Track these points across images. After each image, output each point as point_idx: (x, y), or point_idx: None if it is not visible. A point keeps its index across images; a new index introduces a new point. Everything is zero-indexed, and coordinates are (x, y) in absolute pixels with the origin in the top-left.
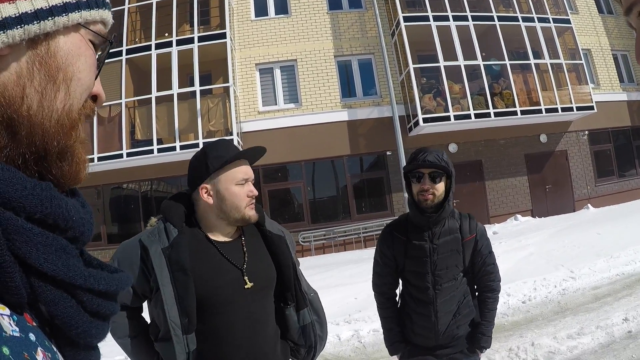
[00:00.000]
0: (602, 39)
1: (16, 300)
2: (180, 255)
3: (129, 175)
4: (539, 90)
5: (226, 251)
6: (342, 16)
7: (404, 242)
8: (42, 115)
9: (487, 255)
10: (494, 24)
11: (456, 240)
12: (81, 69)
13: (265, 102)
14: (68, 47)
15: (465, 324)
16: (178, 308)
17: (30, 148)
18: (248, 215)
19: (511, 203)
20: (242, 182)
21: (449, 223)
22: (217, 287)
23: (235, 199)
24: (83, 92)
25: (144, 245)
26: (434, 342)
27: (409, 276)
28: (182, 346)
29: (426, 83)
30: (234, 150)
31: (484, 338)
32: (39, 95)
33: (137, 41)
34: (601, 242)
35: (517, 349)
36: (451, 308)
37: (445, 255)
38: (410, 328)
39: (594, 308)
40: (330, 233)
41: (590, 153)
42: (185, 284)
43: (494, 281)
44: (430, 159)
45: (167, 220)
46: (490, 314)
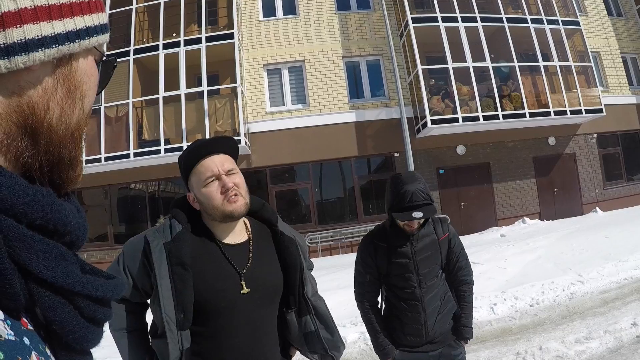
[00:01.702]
0: (611, 41)
1: (14, 306)
2: (180, 250)
3: (136, 176)
4: (547, 92)
5: (231, 254)
6: (350, 17)
7: (386, 248)
8: (60, 127)
9: (459, 252)
10: (503, 26)
11: (433, 241)
12: (91, 87)
13: (273, 103)
14: (84, 67)
15: (449, 318)
16: (174, 302)
17: (47, 156)
18: (228, 210)
19: (519, 206)
20: (210, 180)
21: (425, 227)
22: (218, 289)
23: (208, 200)
24: (89, 108)
25: (147, 240)
26: (424, 340)
27: (394, 280)
28: (176, 342)
29: (434, 84)
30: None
31: (466, 329)
32: (60, 109)
33: (144, 41)
34: (609, 246)
35: (525, 353)
36: (436, 304)
37: (426, 255)
38: (400, 330)
39: (602, 312)
40: (337, 234)
41: (598, 156)
42: (183, 278)
43: (467, 275)
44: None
45: (173, 217)
46: (468, 306)
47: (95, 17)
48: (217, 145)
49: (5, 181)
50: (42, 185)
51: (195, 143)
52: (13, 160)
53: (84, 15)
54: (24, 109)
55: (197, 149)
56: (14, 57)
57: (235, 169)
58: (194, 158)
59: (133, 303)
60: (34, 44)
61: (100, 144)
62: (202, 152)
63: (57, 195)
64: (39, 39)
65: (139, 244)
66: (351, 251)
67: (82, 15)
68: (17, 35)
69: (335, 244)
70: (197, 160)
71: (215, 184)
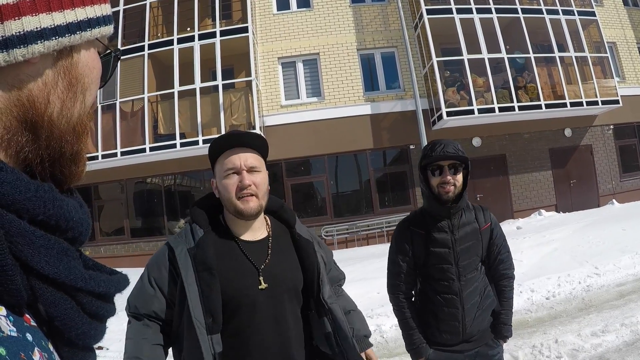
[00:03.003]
0: (627, 32)
1: (16, 302)
2: (205, 255)
3: (152, 170)
4: (563, 83)
5: (250, 250)
6: (364, 9)
7: (424, 236)
8: (61, 121)
9: (502, 243)
10: (518, 17)
11: (475, 230)
12: (93, 80)
13: (288, 96)
14: (86, 59)
15: (488, 315)
16: (202, 307)
17: (47, 151)
18: (239, 207)
19: (535, 198)
20: (230, 172)
21: (466, 214)
22: (238, 287)
23: (225, 191)
24: (91, 102)
25: (170, 247)
26: (460, 338)
27: (432, 271)
28: (208, 346)
29: (450, 76)
30: (225, 142)
31: (506, 327)
32: (61, 103)
33: (159, 36)
34: (626, 238)
35: (541, 346)
36: (475, 299)
37: (467, 245)
38: (436, 326)
39: (619, 305)
40: (353, 227)
41: (615, 148)
42: (209, 283)
43: (509, 269)
44: (450, 151)
45: (194, 221)
46: (509, 302)
47: (98, 8)
48: (247, 139)
49: (7, 177)
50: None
51: (227, 134)
52: (14, 156)
53: (85, 6)
54: (24, 102)
55: (226, 139)
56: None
57: (259, 167)
58: (222, 147)
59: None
60: (33, 36)
61: (116, 139)
62: (231, 143)
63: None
64: (38, 31)
65: (162, 253)
66: (367, 244)
67: (84, 6)
68: (16, 28)
69: (351, 237)
70: (224, 150)
71: (235, 177)
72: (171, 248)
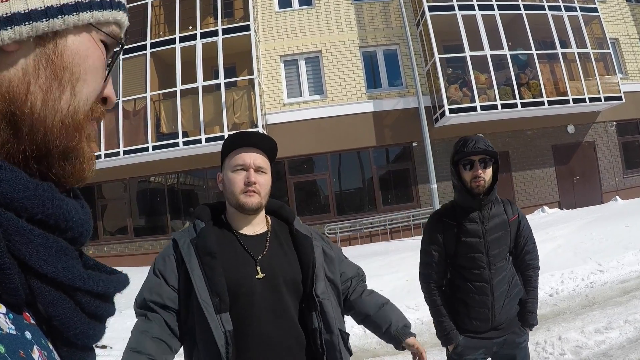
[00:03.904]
0: (630, 28)
1: (14, 301)
2: (206, 241)
3: (155, 169)
4: (566, 80)
5: (247, 243)
6: (366, 6)
7: (455, 227)
8: (45, 114)
9: (528, 235)
10: (520, 13)
11: (504, 221)
12: (88, 71)
13: (290, 94)
14: (76, 47)
15: (515, 303)
16: (208, 289)
17: (31, 146)
18: (242, 202)
19: (538, 195)
20: (238, 168)
21: (495, 206)
22: (238, 276)
23: (231, 185)
24: (90, 94)
25: (174, 240)
26: (489, 325)
27: (462, 261)
28: (218, 324)
29: (452, 73)
30: (241, 140)
31: (532, 316)
32: (43, 94)
33: (161, 35)
34: (630, 235)
35: (544, 343)
36: (504, 288)
37: (497, 235)
38: (465, 313)
39: (623, 302)
40: (356, 225)
41: (618, 144)
42: (212, 266)
43: (535, 259)
44: (480, 146)
45: (197, 217)
46: (534, 291)
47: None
48: (259, 141)
49: (6, 175)
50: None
51: (242, 132)
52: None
53: None
54: (3, 94)
55: (241, 137)
56: None
57: (265, 168)
58: (236, 144)
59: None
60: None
61: (118, 138)
62: (244, 142)
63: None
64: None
65: (167, 248)
66: (370, 241)
67: None
68: None
69: (354, 234)
70: (237, 147)
71: (242, 174)
72: (175, 241)
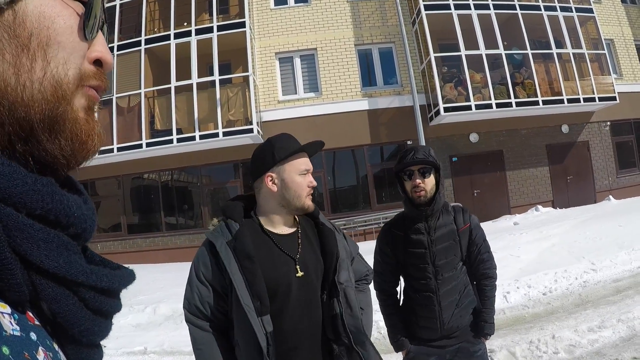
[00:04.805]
0: (625, 29)
1: (17, 297)
2: (244, 245)
3: (148, 166)
4: (561, 80)
5: (281, 243)
6: (362, 4)
7: (403, 237)
8: (22, 89)
9: (481, 244)
10: (516, 13)
11: (452, 231)
12: (59, 32)
13: (285, 92)
14: (39, 10)
15: (468, 313)
16: (249, 293)
17: (13, 126)
18: (307, 204)
19: (532, 194)
20: (304, 172)
21: (443, 216)
22: (278, 275)
23: (298, 187)
24: (68, 57)
25: (210, 242)
26: (439, 334)
27: (410, 270)
28: (260, 327)
29: (447, 72)
30: (297, 143)
31: (487, 325)
32: (14, 68)
33: (155, 31)
34: (623, 234)
35: (538, 342)
36: (453, 297)
37: (443, 246)
38: (415, 322)
39: (615, 301)
40: (350, 222)
41: (612, 144)
42: (252, 270)
43: (490, 269)
44: (419, 156)
45: (228, 217)
46: (490, 301)
47: None
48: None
49: (3, 169)
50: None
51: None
52: None
53: None
54: None
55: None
56: None
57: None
58: (301, 149)
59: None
60: None
61: (112, 135)
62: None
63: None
64: None
65: (204, 250)
66: (364, 239)
67: None
68: None
69: (348, 232)
70: (301, 150)
71: (308, 177)
72: (211, 243)
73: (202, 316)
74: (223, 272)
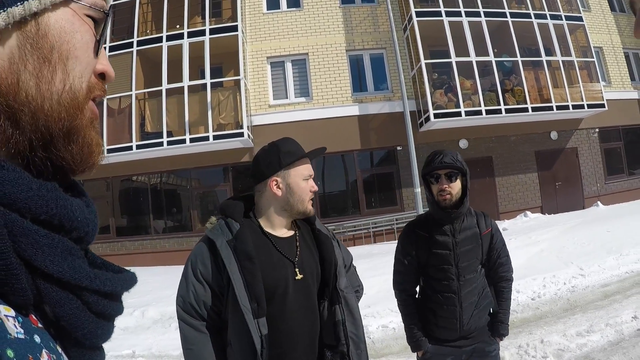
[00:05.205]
0: (614, 37)
1: (22, 301)
2: (245, 245)
3: (138, 168)
4: (550, 87)
5: (281, 246)
6: (354, 10)
7: (427, 238)
8: (42, 99)
9: (501, 247)
10: (506, 20)
11: (475, 234)
12: (77, 46)
13: (276, 96)
14: (60, 24)
15: (485, 314)
16: (247, 294)
17: (36, 134)
18: (309, 209)
19: (521, 199)
20: (308, 177)
21: (467, 219)
22: (277, 277)
23: (303, 192)
24: (83, 70)
25: (210, 240)
26: (458, 334)
27: (432, 271)
28: (255, 329)
29: (438, 78)
30: (301, 149)
31: (503, 326)
32: (36, 79)
33: (148, 33)
34: (611, 240)
35: (527, 346)
36: (473, 299)
37: (467, 248)
38: (434, 322)
39: (604, 306)
40: (339, 227)
41: (600, 151)
42: (252, 271)
43: (508, 272)
44: (447, 160)
45: (228, 216)
46: (507, 302)
47: None
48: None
49: (9, 175)
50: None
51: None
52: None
53: None
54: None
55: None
56: None
57: None
58: (307, 155)
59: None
60: None
61: (102, 136)
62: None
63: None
64: None
65: (203, 247)
66: (353, 244)
67: None
68: None
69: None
70: (303, 156)
71: (310, 182)
72: (211, 241)
73: (197, 315)
74: (221, 272)
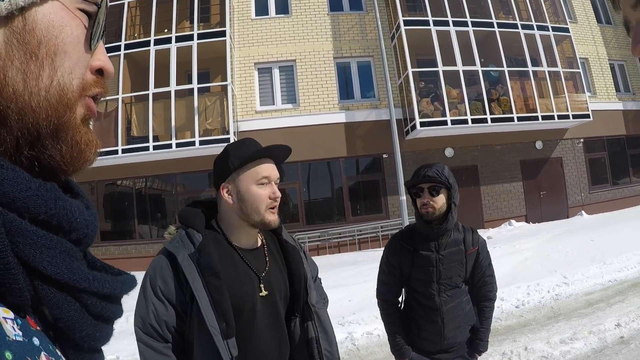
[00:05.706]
0: (599, 48)
1: (19, 302)
2: (210, 260)
3: (123, 172)
4: (535, 97)
5: (249, 258)
6: (342, 18)
7: (411, 252)
8: (29, 95)
9: (486, 267)
10: (494, 31)
11: (460, 251)
12: (66, 41)
13: (263, 102)
14: (48, 18)
15: (466, 330)
16: (215, 313)
17: (22, 132)
18: (268, 219)
19: (505, 208)
20: (264, 181)
21: (454, 235)
22: (242, 294)
23: (256, 200)
24: (74, 66)
25: (170, 253)
26: (438, 347)
27: (415, 285)
28: (225, 351)
29: (424, 87)
30: (257, 149)
31: (482, 343)
32: (23, 75)
33: (136, 36)
34: (595, 249)
35: (511, 354)
36: (456, 314)
37: (450, 265)
38: (417, 333)
39: (587, 314)
40: (324, 235)
41: (585, 160)
42: (218, 288)
43: (491, 291)
44: (430, 174)
45: (188, 226)
46: (488, 321)
47: None
48: (281, 153)
49: (7, 174)
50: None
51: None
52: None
53: None
54: None
55: (266, 148)
56: None
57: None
58: (258, 154)
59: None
60: None
61: None
62: (268, 153)
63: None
64: None
65: (163, 261)
66: (338, 251)
67: None
68: None
69: (323, 244)
70: (258, 157)
71: (268, 188)
72: (172, 255)
73: (158, 337)
74: (184, 289)
